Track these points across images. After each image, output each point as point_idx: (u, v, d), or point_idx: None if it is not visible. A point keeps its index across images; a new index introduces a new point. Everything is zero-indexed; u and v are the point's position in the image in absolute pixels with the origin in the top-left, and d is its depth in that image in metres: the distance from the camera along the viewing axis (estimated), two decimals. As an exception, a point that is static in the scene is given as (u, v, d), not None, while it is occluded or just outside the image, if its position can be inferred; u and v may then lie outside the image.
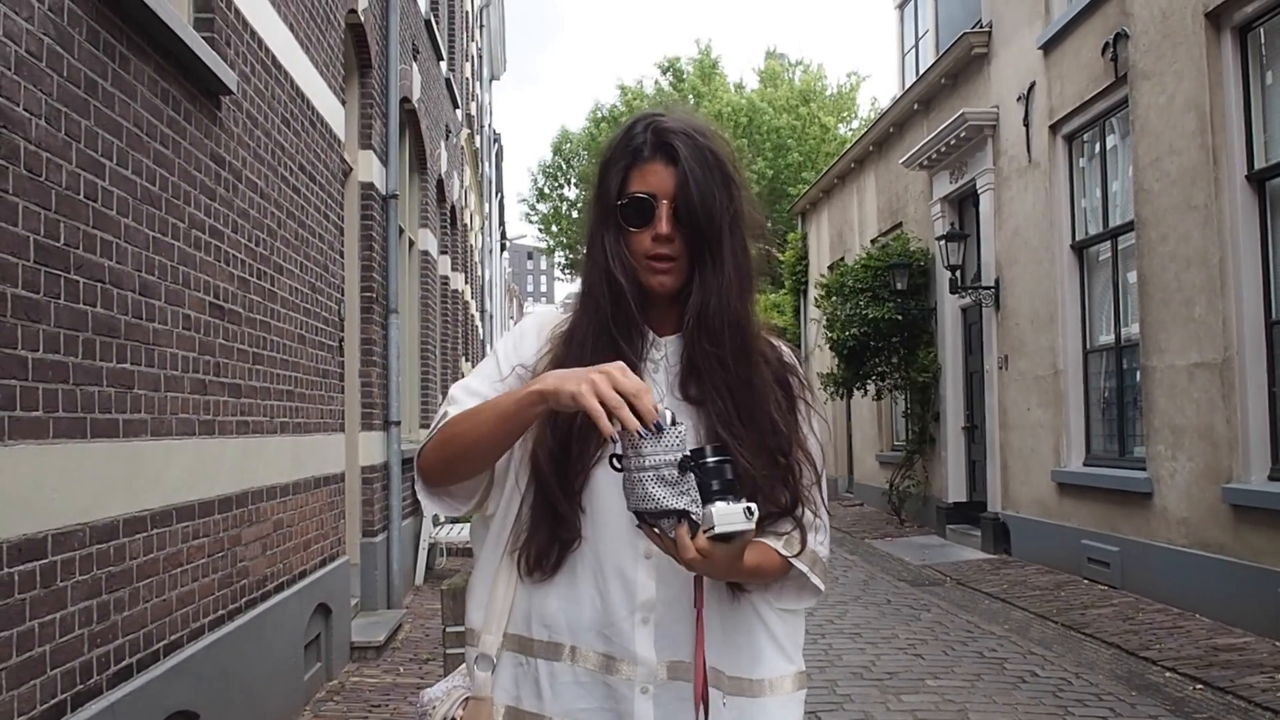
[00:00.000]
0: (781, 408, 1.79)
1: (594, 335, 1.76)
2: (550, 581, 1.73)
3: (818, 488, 1.80)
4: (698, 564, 1.56)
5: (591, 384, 1.52)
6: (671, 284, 1.76)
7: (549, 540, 1.72)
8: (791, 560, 1.73)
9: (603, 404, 1.50)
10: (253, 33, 5.01)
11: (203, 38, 4.32)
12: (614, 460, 1.59)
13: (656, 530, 1.56)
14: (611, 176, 1.79)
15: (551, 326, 1.84)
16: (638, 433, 1.50)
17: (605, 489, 1.71)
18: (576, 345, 1.76)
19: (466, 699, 1.78)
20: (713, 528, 1.51)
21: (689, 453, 1.51)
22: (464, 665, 1.86)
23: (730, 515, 1.51)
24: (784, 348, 1.88)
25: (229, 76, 4.46)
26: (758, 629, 1.76)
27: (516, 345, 1.84)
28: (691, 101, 38.47)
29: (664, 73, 40.59)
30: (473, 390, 1.79)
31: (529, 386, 1.62)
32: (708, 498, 1.51)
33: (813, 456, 1.81)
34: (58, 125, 3.14)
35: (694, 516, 1.51)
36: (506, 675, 1.77)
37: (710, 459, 1.52)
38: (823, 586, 1.78)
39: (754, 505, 1.53)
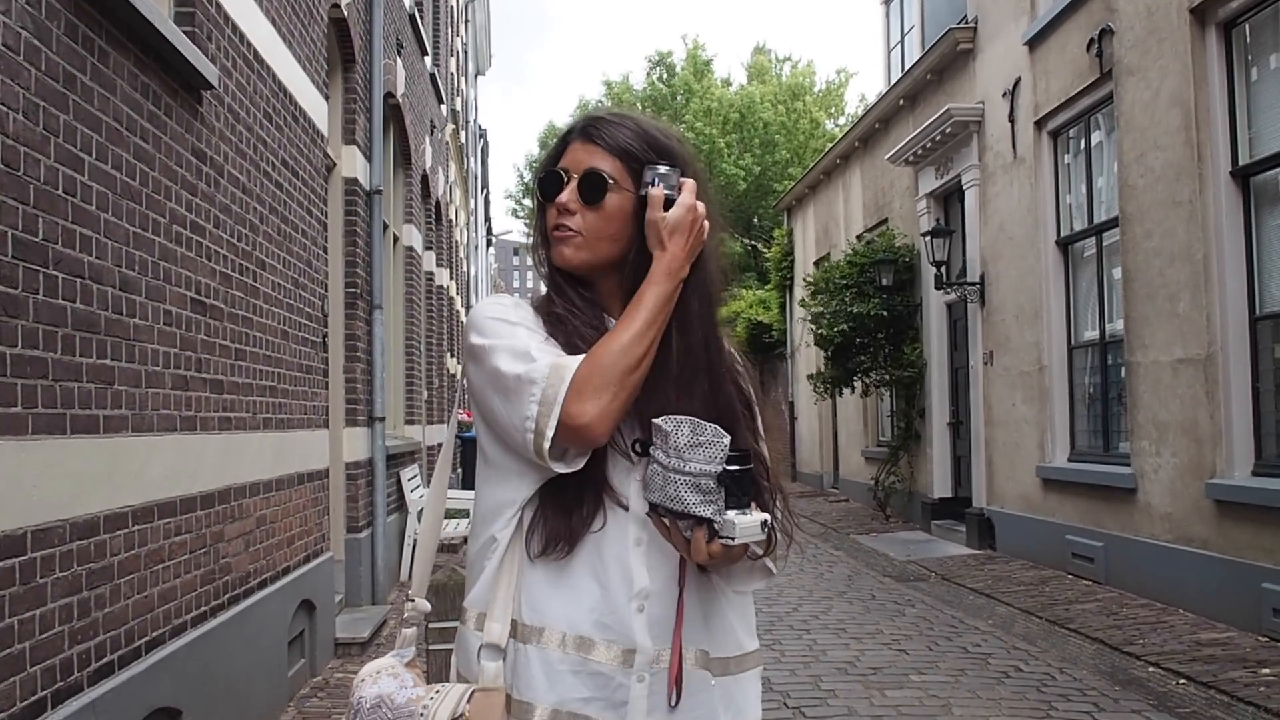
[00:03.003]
0: (734, 393, 1.82)
1: (571, 314, 1.79)
2: (551, 562, 1.70)
3: (774, 475, 1.83)
4: (704, 562, 1.61)
5: (693, 230, 1.73)
6: (571, 256, 1.79)
7: (566, 527, 1.69)
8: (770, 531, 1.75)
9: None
10: (234, 27, 4.98)
11: (183, 32, 4.28)
12: (636, 446, 1.63)
13: (666, 523, 1.60)
14: (543, 162, 1.88)
15: (528, 301, 1.86)
16: (685, 439, 1.54)
17: (609, 475, 1.72)
18: (565, 322, 1.79)
19: (473, 692, 1.70)
20: (732, 538, 1.56)
21: (725, 468, 1.56)
22: (383, 664, 1.78)
23: (750, 529, 1.57)
24: (726, 344, 1.89)
25: (210, 71, 4.44)
26: (727, 610, 1.80)
27: (512, 312, 1.79)
28: (680, 99, 38.49)
29: (654, 66, 40.50)
30: (542, 349, 1.71)
31: (656, 277, 1.71)
32: (728, 504, 1.57)
33: (765, 451, 1.83)
34: (35, 119, 3.11)
35: (716, 525, 1.56)
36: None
37: (738, 469, 1.57)
38: (775, 570, 1.81)
39: (768, 518, 1.59)
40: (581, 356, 1.67)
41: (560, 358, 1.68)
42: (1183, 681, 6.18)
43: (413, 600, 1.89)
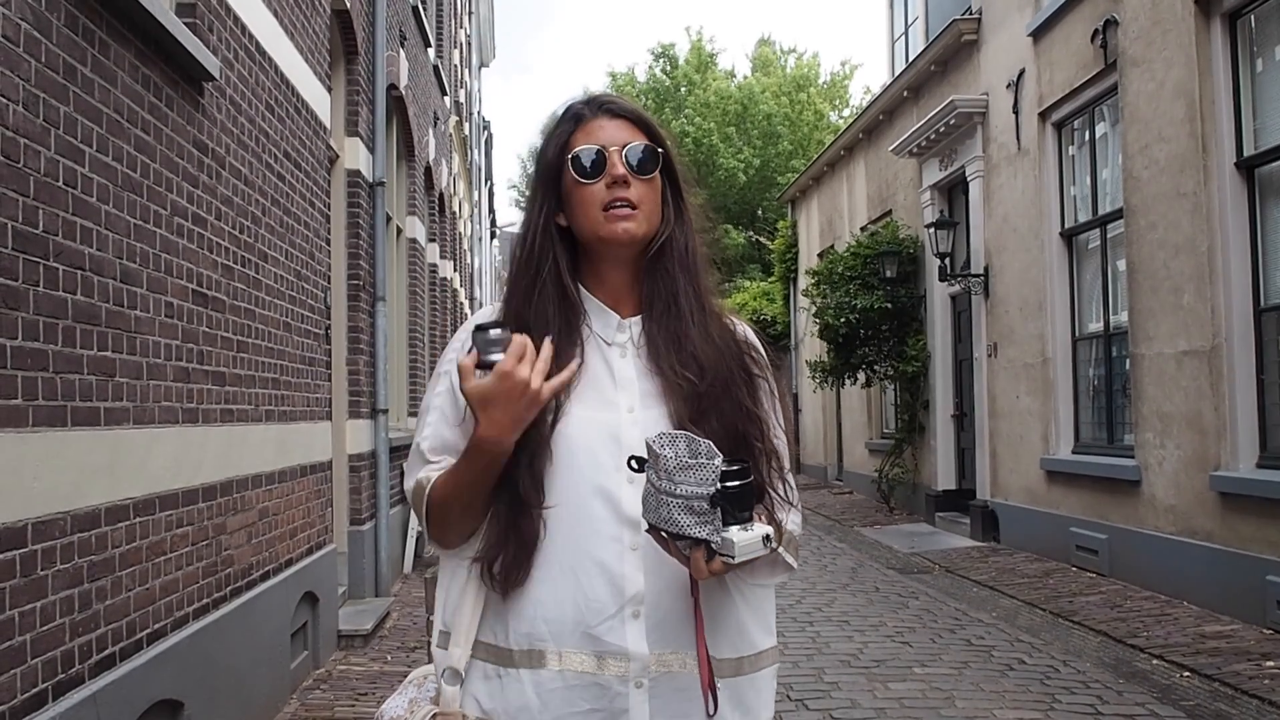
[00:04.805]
0: (744, 388, 1.77)
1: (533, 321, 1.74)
2: (524, 587, 1.67)
3: (785, 466, 1.80)
4: (707, 579, 1.58)
5: (513, 399, 1.60)
6: (635, 230, 1.73)
7: (516, 550, 1.67)
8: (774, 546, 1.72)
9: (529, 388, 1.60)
10: (235, 18, 4.97)
11: (184, 24, 4.27)
12: (633, 461, 1.59)
13: (665, 537, 1.56)
14: (552, 145, 1.78)
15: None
16: (674, 462, 1.50)
17: (568, 474, 1.67)
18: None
19: (434, 715, 1.70)
20: (732, 557, 1.52)
21: (720, 486, 1.51)
22: (418, 673, 1.81)
23: (750, 546, 1.53)
24: (739, 325, 1.86)
25: (211, 63, 4.43)
26: (740, 608, 1.75)
27: (454, 358, 1.77)
28: (683, 90, 38.42)
29: (657, 58, 40.41)
30: (443, 445, 1.75)
31: (470, 451, 1.65)
32: (726, 521, 1.53)
33: (777, 438, 1.79)
34: (36, 111, 3.10)
35: (713, 545, 1.53)
36: (480, 687, 1.70)
37: (734, 485, 1.52)
38: (795, 564, 1.77)
39: (771, 532, 1.55)
40: (436, 479, 1.71)
41: (423, 475, 1.74)
42: (1187, 674, 6.17)
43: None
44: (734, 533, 1.52)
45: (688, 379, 1.72)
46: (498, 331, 1.62)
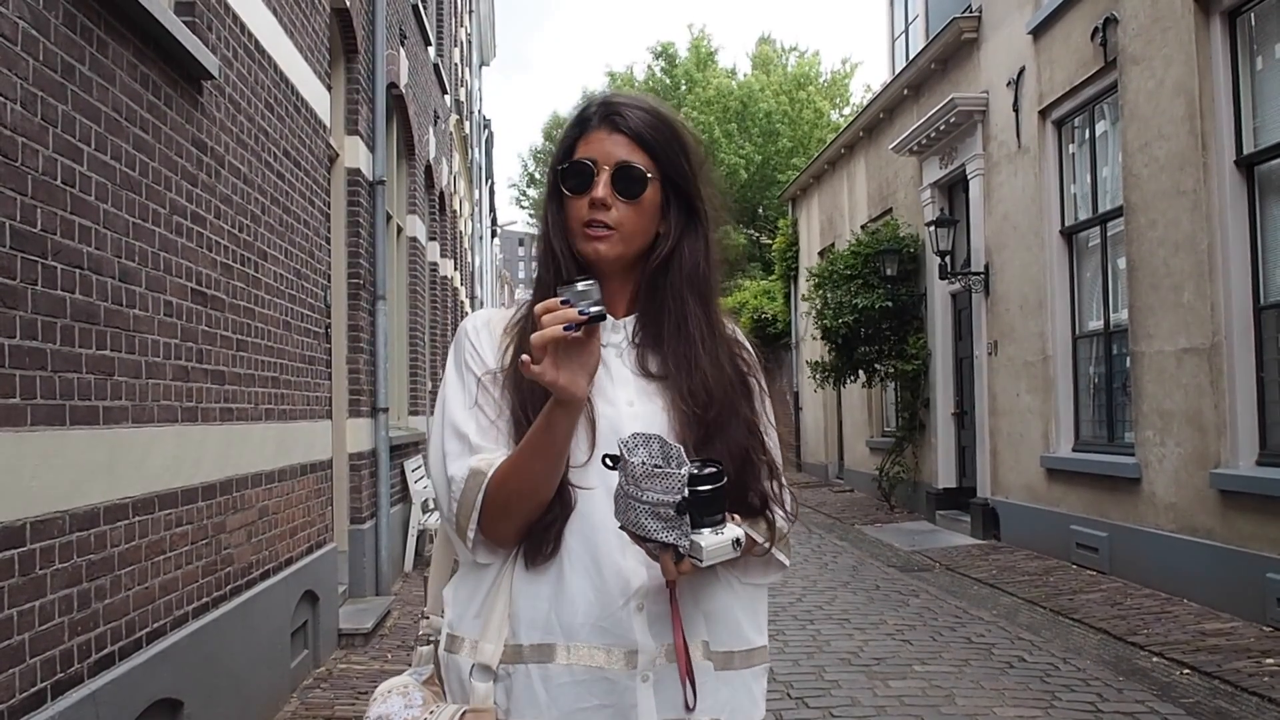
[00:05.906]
0: (744, 402, 1.77)
1: None
2: (542, 574, 1.67)
3: (779, 471, 1.80)
4: (676, 579, 1.58)
5: (553, 359, 1.53)
6: (607, 252, 1.72)
7: (546, 522, 1.67)
8: (765, 544, 1.73)
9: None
10: (234, 17, 4.97)
11: (183, 22, 4.27)
12: (606, 459, 1.58)
13: (637, 536, 1.56)
14: (560, 148, 1.78)
15: (505, 319, 1.81)
16: (641, 469, 1.50)
17: (595, 474, 1.67)
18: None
19: (464, 713, 1.68)
20: (700, 560, 1.52)
21: (687, 494, 1.50)
22: (396, 683, 1.78)
23: (720, 549, 1.52)
24: (729, 324, 1.86)
25: (210, 61, 4.42)
26: (733, 604, 1.75)
27: (472, 355, 1.77)
28: (684, 88, 38.43)
29: (657, 57, 40.44)
30: (493, 435, 1.72)
31: (549, 412, 1.59)
32: (696, 525, 1.51)
33: (771, 443, 1.79)
34: (34, 110, 3.10)
35: (682, 550, 1.52)
36: (497, 688, 1.70)
37: (705, 490, 1.51)
38: (788, 562, 1.78)
39: (741, 536, 1.54)
40: (498, 464, 1.66)
41: (475, 463, 1.68)
42: (1186, 672, 6.17)
43: (428, 617, 1.87)
44: (704, 536, 1.51)
45: (694, 409, 1.71)
46: (586, 283, 1.58)
